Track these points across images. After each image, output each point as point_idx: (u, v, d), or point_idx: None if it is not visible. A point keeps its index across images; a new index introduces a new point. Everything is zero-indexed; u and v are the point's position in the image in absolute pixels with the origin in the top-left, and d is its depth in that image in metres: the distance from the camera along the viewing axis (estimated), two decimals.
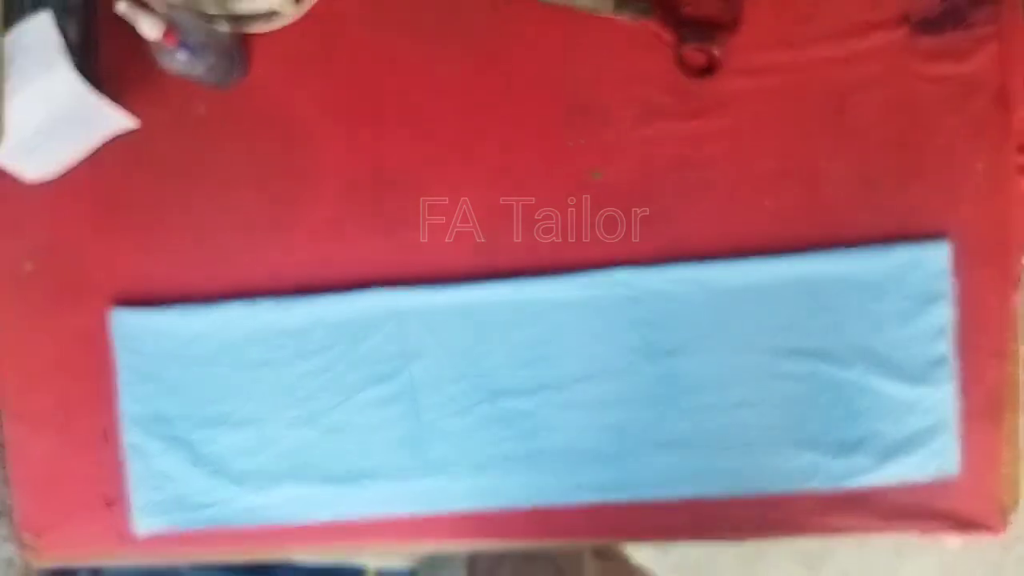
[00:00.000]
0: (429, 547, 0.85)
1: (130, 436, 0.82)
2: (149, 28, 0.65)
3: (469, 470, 0.80)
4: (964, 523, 0.79)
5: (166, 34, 0.66)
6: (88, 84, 0.71)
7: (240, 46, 0.78)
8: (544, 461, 0.80)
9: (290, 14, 0.79)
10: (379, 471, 0.81)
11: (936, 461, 0.78)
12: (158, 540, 0.84)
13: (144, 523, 0.83)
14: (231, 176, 0.81)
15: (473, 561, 0.91)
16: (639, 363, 0.79)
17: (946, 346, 0.77)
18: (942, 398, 0.77)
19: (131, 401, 0.82)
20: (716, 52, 0.76)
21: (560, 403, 0.79)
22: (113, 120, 0.76)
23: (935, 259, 0.76)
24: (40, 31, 0.70)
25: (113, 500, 0.84)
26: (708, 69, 0.77)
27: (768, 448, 0.78)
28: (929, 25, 0.75)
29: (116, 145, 0.79)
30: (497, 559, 0.89)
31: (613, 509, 0.80)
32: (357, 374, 0.80)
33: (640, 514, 0.81)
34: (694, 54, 0.77)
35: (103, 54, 0.81)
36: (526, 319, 0.79)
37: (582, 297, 0.79)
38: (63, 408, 0.84)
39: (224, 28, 0.77)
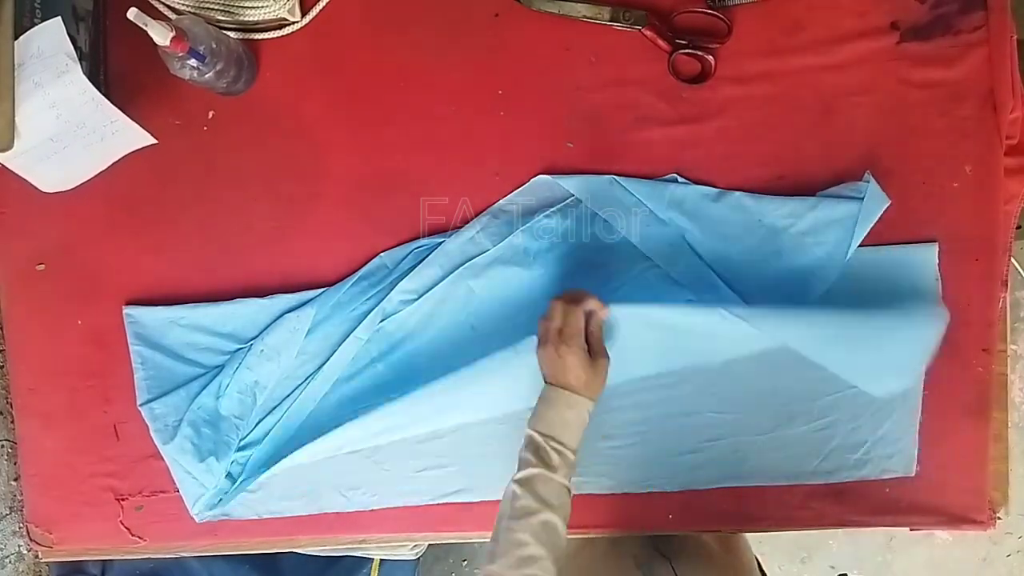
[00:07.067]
0: (432, 537, 0.86)
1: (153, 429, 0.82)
2: (159, 35, 0.65)
3: (467, 463, 0.82)
4: (954, 518, 0.80)
5: (176, 41, 0.66)
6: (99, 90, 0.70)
7: (248, 53, 0.79)
8: None
9: (297, 22, 0.80)
10: (385, 463, 0.82)
11: (918, 456, 0.79)
12: (165, 533, 0.86)
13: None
14: (239, 179, 0.82)
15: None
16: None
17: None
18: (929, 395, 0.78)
19: (146, 395, 0.83)
20: (709, 60, 0.77)
21: None
22: (130, 133, 0.75)
23: (924, 259, 0.77)
24: (51, 37, 0.68)
25: (122, 495, 0.85)
26: (701, 76, 0.78)
27: (754, 442, 0.80)
28: (917, 32, 0.76)
29: None
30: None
31: (605, 500, 0.82)
32: (361, 368, 0.81)
33: (631, 506, 0.82)
34: (687, 62, 0.78)
35: (113, 61, 0.81)
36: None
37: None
38: (74, 405, 0.85)
39: (233, 35, 0.77)
